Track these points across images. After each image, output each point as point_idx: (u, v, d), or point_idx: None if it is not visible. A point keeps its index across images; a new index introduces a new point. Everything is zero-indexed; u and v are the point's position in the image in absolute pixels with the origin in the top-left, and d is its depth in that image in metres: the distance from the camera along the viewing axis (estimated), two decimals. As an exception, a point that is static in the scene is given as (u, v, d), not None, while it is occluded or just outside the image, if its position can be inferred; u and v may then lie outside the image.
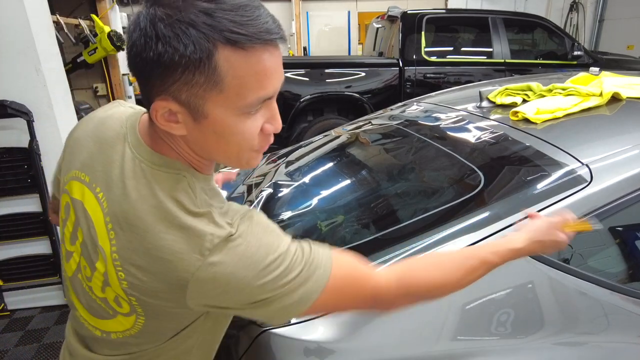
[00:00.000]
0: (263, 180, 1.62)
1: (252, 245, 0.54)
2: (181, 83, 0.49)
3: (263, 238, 0.56)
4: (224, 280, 0.53)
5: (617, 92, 1.29)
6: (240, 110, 0.52)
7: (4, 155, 2.29)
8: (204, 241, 0.53)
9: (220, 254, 0.53)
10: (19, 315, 2.46)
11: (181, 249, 0.53)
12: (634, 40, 6.66)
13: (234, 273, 0.53)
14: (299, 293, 0.56)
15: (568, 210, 0.82)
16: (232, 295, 0.55)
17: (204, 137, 0.55)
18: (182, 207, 0.55)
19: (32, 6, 2.22)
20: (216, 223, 0.55)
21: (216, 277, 0.53)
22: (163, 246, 0.54)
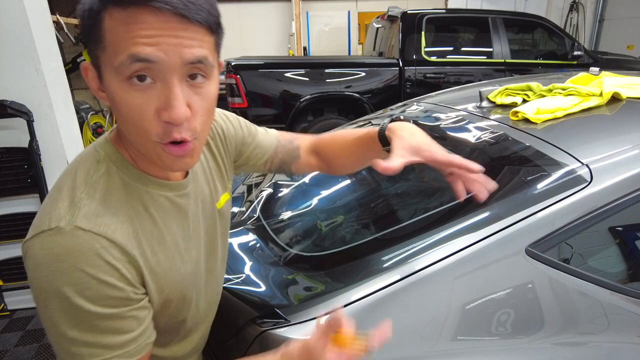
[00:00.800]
0: (263, 180, 1.62)
1: (64, 261, 0.50)
2: (88, 40, 0.51)
3: (84, 269, 0.51)
4: (27, 268, 0.53)
5: (617, 92, 1.29)
6: (118, 72, 0.49)
7: (4, 155, 2.29)
8: (45, 220, 0.52)
9: (35, 240, 0.52)
10: (19, 315, 2.46)
11: (43, 212, 0.54)
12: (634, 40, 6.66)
13: (32, 269, 0.52)
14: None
15: (344, 318, 0.60)
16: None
17: (114, 110, 0.54)
18: (73, 179, 0.56)
19: (32, 6, 2.22)
20: (68, 209, 0.53)
21: (25, 259, 0.53)
22: (45, 201, 0.57)
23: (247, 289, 1.00)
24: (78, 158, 0.59)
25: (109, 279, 0.52)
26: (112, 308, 0.53)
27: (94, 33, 0.49)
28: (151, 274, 0.59)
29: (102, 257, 0.52)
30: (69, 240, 0.51)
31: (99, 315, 0.52)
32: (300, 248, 1.10)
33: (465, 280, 0.88)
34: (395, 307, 0.85)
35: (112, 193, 0.56)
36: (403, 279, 0.86)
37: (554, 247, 0.91)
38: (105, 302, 0.52)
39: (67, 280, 0.50)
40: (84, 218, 0.52)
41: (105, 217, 0.54)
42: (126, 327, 0.55)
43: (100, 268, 0.51)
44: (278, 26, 7.31)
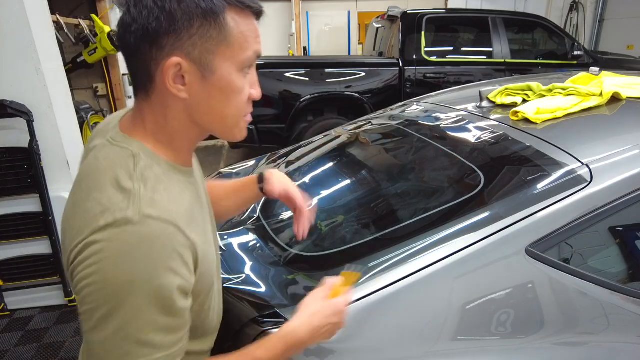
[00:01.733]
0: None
1: (138, 249, 0.50)
2: (197, 37, 0.54)
3: (159, 257, 0.51)
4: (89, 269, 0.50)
5: (617, 92, 1.29)
6: (242, 65, 0.58)
7: (4, 155, 2.29)
8: (101, 215, 0.51)
9: (101, 234, 0.51)
10: (19, 315, 2.46)
11: (93, 212, 0.52)
12: (634, 40, 6.66)
13: (100, 263, 0.50)
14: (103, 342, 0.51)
15: (328, 279, 0.75)
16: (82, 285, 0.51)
17: (208, 98, 0.58)
18: (114, 176, 0.55)
19: (32, 6, 2.22)
20: (127, 201, 0.52)
21: (88, 258, 0.51)
22: (86, 205, 0.54)
23: (247, 289, 1.00)
24: (103, 159, 0.58)
25: (180, 268, 0.53)
26: (177, 302, 0.53)
27: (212, 30, 0.55)
28: (201, 258, 0.59)
29: (172, 245, 0.53)
30: (141, 229, 0.51)
31: (165, 309, 0.52)
32: (300, 248, 1.10)
33: (465, 280, 0.88)
34: (396, 307, 0.85)
35: (159, 182, 0.57)
36: (403, 278, 0.86)
37: (554, 247, 0.91)
38: (174, 296, 0.52)
39: (142, 270, 0.50)
40: (149, 206, 0.52)
41: (165, 204, 0.54)
42: (180, 325, 0.55)
43: (170, 257, 0.52)
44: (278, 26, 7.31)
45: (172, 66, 0.55)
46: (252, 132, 4.11)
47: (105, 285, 0.50)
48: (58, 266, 2.43)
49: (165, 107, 0.59)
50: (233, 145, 4.47)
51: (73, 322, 2.39)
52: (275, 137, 4.12)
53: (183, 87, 0.57)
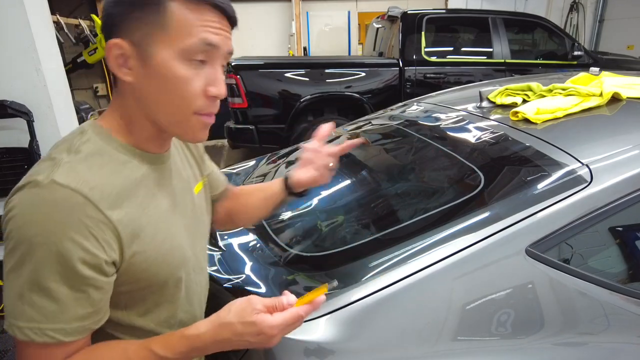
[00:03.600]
0: (263, 180, 1.62)
1: (39, 212, 0.52)
2: (138, 21, 0.56)
3: (60, 223, 0.52)
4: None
5: (617, 92, 1.29)
6: (184, 54, 0.57)
7: (4, 155, 2.29)
8: (25, 178, 0.55)
9: (15, 196, 0.54)
10: (19, 315, 2.46)
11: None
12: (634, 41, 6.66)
13: (8, 220, 0.53)
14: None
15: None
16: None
17: (149, 84, 0.58)
18: (58, 148, 0.59)
19: (32, 6, 2.22)
20: (48, 167, 0.55)
21: (3, 216, 0.54)
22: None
23: (247, 289, 1.00)
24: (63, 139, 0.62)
25: (83, 241, 0.53)
26: (79, 274, 0.53)
27: (152, 15, 0.56)
28: (139, 243, 0.59)
29: (77, 215, 0.53)
30: (46, 193, 0.52)
31: (58, 274, 0.53)
32: (300, 248, 1.10)
33: (465, 281, 0.88)
34: (396, 307, 0.85)
35: (93, 156, 0.58)
36: (403, 279, 0.86)
37: (554, 247, 0.91)
38: (70, 263, 0.53)
39: (38, 231, 0.51)
40: (62, 174, 0.54)
41: (85, 176, 0.55)
42: (80, 301, 0.55)
43: (72, 226, 0.52)
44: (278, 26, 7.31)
45: (112, 46, 0.57)
46: (252, 132, 4.11)
47: (14, 241, 0.53)
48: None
49: (122, 92, 0.61)
50: (233, 145, 4.47)
51: (73, 322, 2.39)
52: (275, 137, 4.12)
53: (128, 71, 0.58)
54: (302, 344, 0.82)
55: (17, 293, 0.53)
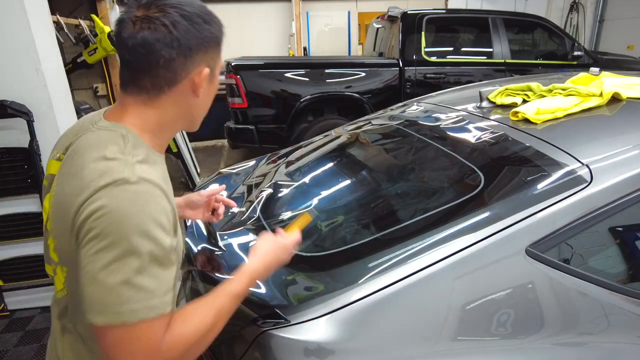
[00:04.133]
0: (263, 180, 1.62)
1: (135, 205, 0.61)
2: (214, 53, 0.74)
3: (151, 213, 0.62)
4: (102, 219, 0.60)
5: (617, 92, 1.29)
6: (216, 78, 0.78)
7: (4, 155, 2.29)
8: (101, 178, 0.62)
9: (103, 192, 0.61)
10: (19, 315, 2.46)
11: (91, 178, 0.63)
12: (634, 41, 6.66)
13: (103, 216, 0.60)
14: (115, 283, 0.59)
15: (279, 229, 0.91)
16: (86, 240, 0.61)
17: (207, 96, 0.77)
18: (107, 150, 0.66)
19: (32, 6, 2.22)
20: (124, 167, 0.64)
21: (94, 212, 0.61)
22: (83, 172, 0.64)
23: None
24: (95, 139, 0.69)
25: (166, 226, 0.64)
26: (168, 256, 0.64)
27: (217, 49, 0.75)
28: (177, 228, 0.71)
29: (161, 205, 0.64)
30: (137, 188, 0.62)
31: (155, 257, 0.62)
32: (300, 248, 1.10)
33: (465, 281, 0.88)
34: (396, 307, 0.85)
35: (147, 157, 0.68)
36: (403, 279, 0.86)
37: (554, 247, 0.91)
38: (161, 245, 0.63)
39: (137, 222, 0.60)
40: (142, 171, 0.64)
41: (152, 172, 0.66)
42: (169, 279, 0.65)
43: (159, 214, 0.63)
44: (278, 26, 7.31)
45: (205, 73, 0.72)
46: (252, 132, 4.11)
47: (113, 235, 0.59)
48: (58, 266, 2.43)
49: (175, 104, 0.72)
50: (233, 145, 4.47)
51: (73, 322, 2.39)
52: (275, 138, 4.12)
53: (198, 89, 0.73)
54: (302, 343, 0.82)
55: (122, 281, 0.59)
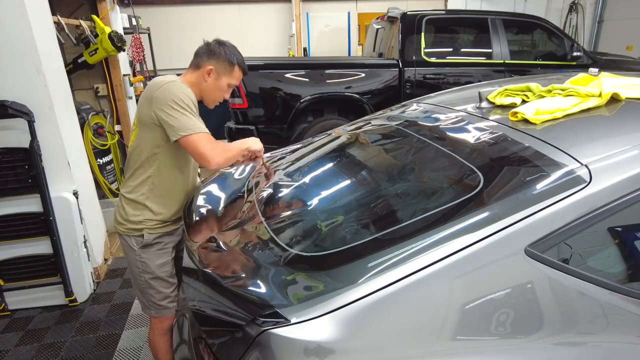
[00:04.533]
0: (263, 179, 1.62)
1: (179, 91, 1.45)
2: (225, 64, 1.56)
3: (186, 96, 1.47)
4: (161, 96, 1.43)
5: (616, 92, 1.29)
6: (228, 83, 1.59)
7: (5, 155, 2.29)
8: (164, 81, 1.48)
9: (166, 85, 1.46)
10: (20, 315, 2.47)
11: (160, 81, 1.48)
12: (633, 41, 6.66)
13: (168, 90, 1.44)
14: (182, 123, 1.41)
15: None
16: (158, 104, 1.43)
17: (215, 85, 1.56)
18: (167, 78, 1.53)
19: (33, 7, 2.23)
20: (175, 80, 1.50)
21: (161, 89, 1.45)
22: (154, 83, 1.50)
23: (247, 288, 1.00)
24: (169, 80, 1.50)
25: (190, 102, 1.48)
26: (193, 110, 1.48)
27: (229, 66, 1.56)
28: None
29: (190, 95, 1.48)
30: (180, 84, 1.48)
31: (189, 109, 1.45)
32: (300, 248, 1.11)
33: (464, 280, 0.88)
34: (395, 307, 0.86)
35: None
36: (403, 278, 0.86)
37: (553, 247, 0.92)
38: (190, 106, 1.47)
39: (181, 92, 1.45)
40: (188, 82, 1.55)
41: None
42: (197, 119, 1.48)
43: (191, 96, 1.48)
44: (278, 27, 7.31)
45: (208, 68, 1.54)
46: (252, 133, 4.11)
47: (171, 101, 1.43)
48: (58, 266, 2.44)
49: (198, 77, 1.55)
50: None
51: (73, 322, 2.39)
52: (275, 138, 4.12)
53: (208, 77, 1.54)
54: (302, 343, 0.83)
55: (185, 117, 1.44)
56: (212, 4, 6.37)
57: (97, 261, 2.74)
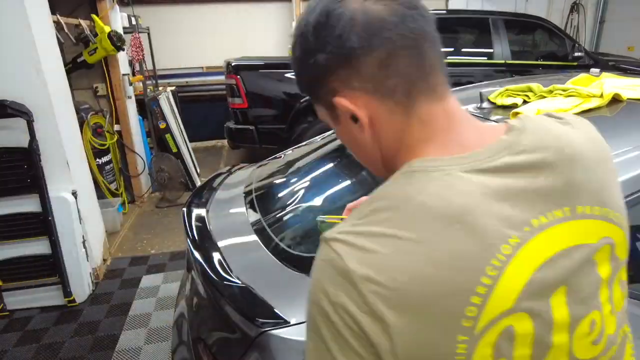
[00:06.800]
0: (263, 180, 1.61)
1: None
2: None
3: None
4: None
5: (617, 93, 1.28)
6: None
7: (4, 155, 2.29)
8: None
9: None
10: (19, 315, 2.46)
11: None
12: (634, 42, 6.66)
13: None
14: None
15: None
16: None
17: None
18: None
19: (32, 6, 2.22)
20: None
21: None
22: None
23: (247, 289, 0.99)
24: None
25: None
26: None
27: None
28: None
29: None
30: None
31: None
32: (300, 248, 1.10)
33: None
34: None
35: None
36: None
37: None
38: None
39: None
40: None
41: None
42: None
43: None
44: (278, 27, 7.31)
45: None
46: (252, 133, 4.11)
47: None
48: (57, 266, 2.43)
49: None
50: (233, 145, 4.47)
51: (72, 322, 2.39)
52: (275, 138, 4.11)
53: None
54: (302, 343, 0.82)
55: None
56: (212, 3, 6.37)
57: (96, 261, 2.74)
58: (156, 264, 2.94)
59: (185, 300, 1.33)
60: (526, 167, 0.47)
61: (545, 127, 0.52)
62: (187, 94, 5.69)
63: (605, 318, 0.50)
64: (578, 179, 0.49)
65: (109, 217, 3.25)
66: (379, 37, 0.47)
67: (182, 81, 6.10)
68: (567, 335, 0.46)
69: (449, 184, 0.45)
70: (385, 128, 0.52)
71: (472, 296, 0.42)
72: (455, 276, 0.42)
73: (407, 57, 0.49)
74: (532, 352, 0.45)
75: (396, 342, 0.42)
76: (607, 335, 0.50)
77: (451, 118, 0.52)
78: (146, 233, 3.41)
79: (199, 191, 1.61)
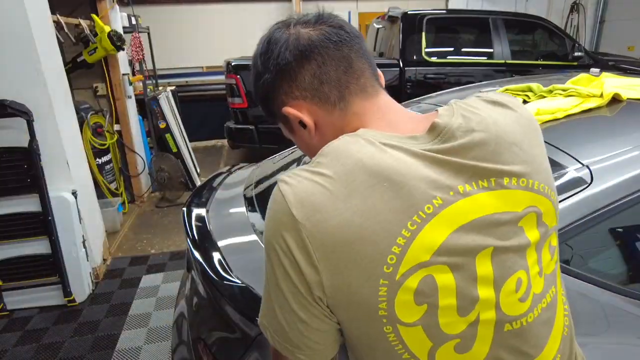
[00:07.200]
0: (263, 180, 1.61)
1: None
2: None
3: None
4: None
5: (617, 93, 1.28)
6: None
7: (4, 155, 2.29)
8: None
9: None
10: (18, 315, 2.46)
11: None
12: (634, 42, 6.66)
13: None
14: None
15: None
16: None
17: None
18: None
19: (32, 6, 2.22)
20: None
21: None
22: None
23: (247, 288, 0.99)
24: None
25: None
26: None
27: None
28: None
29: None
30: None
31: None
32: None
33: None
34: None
35: None
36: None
37: (554, 248, 0.91)
38: None
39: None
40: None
41: None
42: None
43: None
44: (278, 26, 7.32)
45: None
46: (252, 133, 4.11)
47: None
48: (57, 266, 2.43)
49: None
50: (233, 145, 4.47)
51: (72, 322, 2.39)
52: (275, 138, 4.10)
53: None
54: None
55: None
56: (212, 3, 6.36)
57: (95, 261, 2.74)
58: (156, 264, 2.94)
59: (185, 300, 1.33)
60: (456, 146, 0.53)
61: (473, 109, 0.59)
62: (187, 94, 5.69)
63: (533, 279, 0.56)
64: (505, 155, 0.55)
65: (109, 217, 3.25)
66: (309, 53, 0.58)
67: (182, 81, 6.10)
68: (493, 291, 0.52)
69: (383, 150, 0.52)
70: (328, 128, 0.61)
71: (393, 246, 0.49)
72: (379, 227, 0.49)
73: (335, 66, 0.58)
74: (457, 303, 0.51)
75: (324, 277, 0.50)
76: (534, 293, 0.56)
77: (384, 110, 0.61)
78: (146, 233, 3.41)
79: (199, 191, 1.60)
